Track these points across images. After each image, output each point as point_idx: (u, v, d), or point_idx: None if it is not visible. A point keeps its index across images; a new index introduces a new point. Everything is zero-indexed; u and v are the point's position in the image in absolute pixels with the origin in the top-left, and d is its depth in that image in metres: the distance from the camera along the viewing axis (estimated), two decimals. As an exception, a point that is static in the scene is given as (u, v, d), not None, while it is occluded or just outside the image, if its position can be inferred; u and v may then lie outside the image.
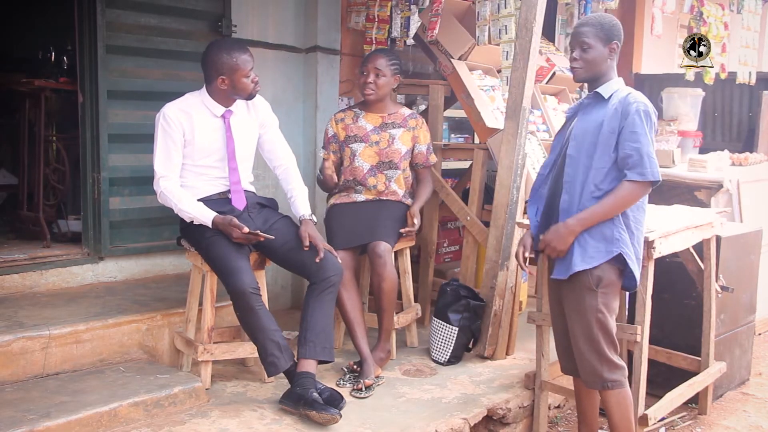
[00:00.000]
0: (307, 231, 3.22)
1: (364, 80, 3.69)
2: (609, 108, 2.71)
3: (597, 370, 2.74)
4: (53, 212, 4.25)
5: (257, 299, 3.07)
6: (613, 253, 2.67)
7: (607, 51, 2.75)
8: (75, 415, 2.69)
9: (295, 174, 3.46)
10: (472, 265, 4.13)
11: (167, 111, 3.20)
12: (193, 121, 3.20)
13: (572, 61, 2.81)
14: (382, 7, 4.42)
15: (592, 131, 2.72)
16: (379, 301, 3.54)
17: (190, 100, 3.26)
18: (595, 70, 2.77)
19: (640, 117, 2.65)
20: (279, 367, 3.09)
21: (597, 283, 2.68)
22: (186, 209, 3.14)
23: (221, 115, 3.26)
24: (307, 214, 3.33)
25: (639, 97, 2.72)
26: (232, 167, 3.28)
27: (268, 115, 3.43)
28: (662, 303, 3.58)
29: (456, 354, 3.69)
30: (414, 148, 3.81)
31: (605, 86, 2.77)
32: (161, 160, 3.18)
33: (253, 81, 3.22)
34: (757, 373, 4.28)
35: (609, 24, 2.77)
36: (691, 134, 5.22)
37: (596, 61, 2.75)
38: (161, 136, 3.18)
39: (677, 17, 6.56)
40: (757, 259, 4.12)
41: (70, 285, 3.74)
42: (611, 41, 2.75)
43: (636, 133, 2.63)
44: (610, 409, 2.79)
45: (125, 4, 3.76)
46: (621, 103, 2.69)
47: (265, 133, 3.43)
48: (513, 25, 3.79)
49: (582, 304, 2.71)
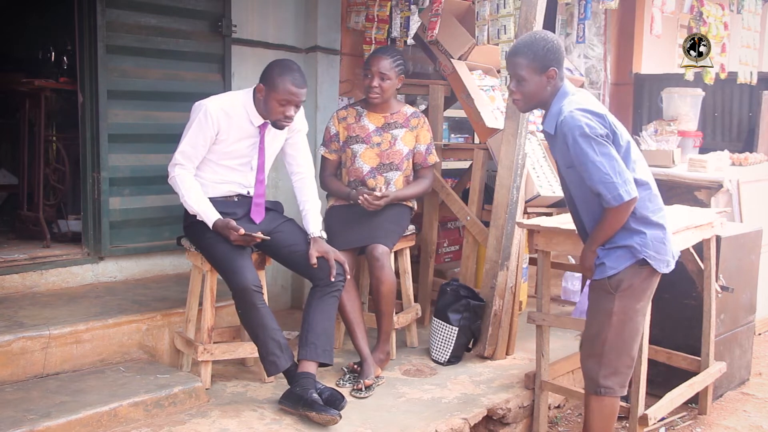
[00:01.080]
0: (316, 249, 3.20)
1: (369, 83, 3.67)
2: (558, 142, 2.63)
3: (594, 374, 2.73)
4: (53, 212, 4.25)
5: (259, 297, 3.07)
6: (636, 258, 2.63)
7: (545, 79, 2.61)
8: (75, 415, 2.69)
9: (311, 187, 3.42)
10: (472, 265, 4.13)
11: (210, 106, 3.15)
12: (231, 124, 3.18)
13: (510, 94, 2.72)
14: (382, 7, 4.43)
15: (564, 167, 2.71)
16: (377, 303, 3.54)
17: (235, 101, 3.22)
18: (536, 101, 2.68)
19: (577, 144, 2.50)
20: (279, 367, 3.09)
21: (616, 287, 2.65)
22: (191, 203, 3.13)
23: (258, 125, 3.24)
24: (317, 232, 3.29)
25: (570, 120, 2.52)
26: (259, 179, 3.28)
27: (299, 120, 3.39)
28: (662, 303, 3.57)
29: (456, 354, 3.69)
30: (414, 148, 3.81)
31: (549, 119, 2.66)
32: (185, 149, 3.16)
33: (285, 114, 3.15)
34: (757, 373, 4.28)
35: (542, 50, 2.59)
36: (691, 134, 5.22)
37: (535, 93, 2.64)
38: (195, 128, 3.15)
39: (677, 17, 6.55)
40: (757, 259, 4.12)
41: (70, 285, 3.74)
42: (547, 69, 2.59)
43: (583, 165, 2.52)
44: (590, 413, 2.76)
45: (125, 4, 3.76)
46: (561, 135, 2.56)
47: (291, 137, 3.41)
48: (512, 25, 3.79)
49: (599, 306, 2.71)
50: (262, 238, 3.11)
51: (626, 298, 2.66)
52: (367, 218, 3.60)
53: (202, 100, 3.19)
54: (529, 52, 2.61)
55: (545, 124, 2.70)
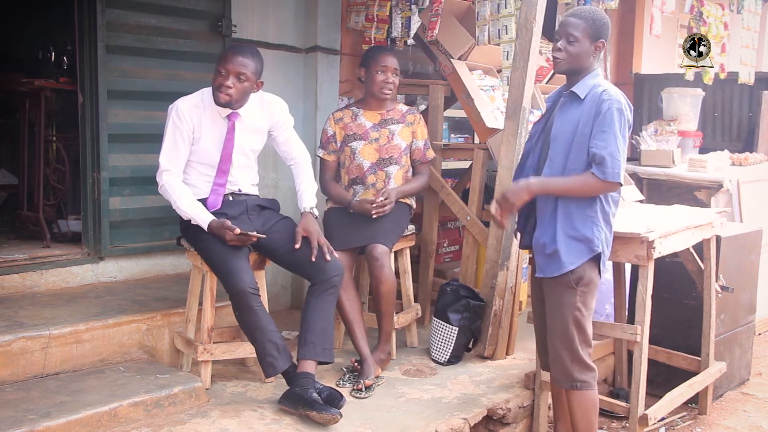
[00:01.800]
0: (302, 227, 3.21)
1: (383, 80, 3.70)
2: (584, 107, 2.70)
3: (568, 369, 2.75)
4: (53, 212, 4.25)
5: (256, 299, 3.07)
6: (594, 252, 2.69)
7: (593, 48, 2.73)
8: (75, 415, 2.69)
9: (307, 169, 3.45)
10: (472, 265, 4.13)
11: (180, 105, 3.18)
12: (203, 119, 3.20)
13: (555, 50, 2.78)
14: (382, 7, 4.42)
15: (569, 131, 2.72)
16: (378, 304, 3.54)
17: (205, 97, 3.24)
18: (576, 65, 2.75)
19: (611, 116, 2.63)
20: (277, 368, 3.09)
21: (577, 281, 2.70)
22: (184, 208, 3.14)
23: (226, 116, 3.25)
24: (308, 207, 3.31)
25: (614, 94, 2.68)
26: (222, 169, 3.26)
27: (283, 116, 3.41)
28: (662, 303, 3.58)
29: (456, 354, 3.69)
30: (412, 144, 3.82)
31: (581, 84, 2.74)
32: (167, 153, 3.17)
33: (222, 83, 3.12)
34: (757, 373, 4.28)
35: (600, 21, 2.73)
36: (691, 134, 5.22)
37: (579, 57, 2.73)
38: (171, 130, 3.17)
39: (677, 17, 6.55)
40: (757, 259, 4.12)
41: (70, 285, 3.74)
42: (598, 39, 2.72)
43: (605, 132, 2.62)
44: (573, 410, 2.79)
45: (125, 4, 3.76)
46: (595, 102, 2.68)
47: (279, 134, 3.43)
48: (513, 25, 3.79)
49: (561, 302, 2.73)
50: (257, 237, 3.11)
51: (586, 292, 2.73)
52: (366, 219, 3.59)
53: (174, 102, 3.21)
54: (589, 17, 2.73)
55: (576, 87, 2.74)
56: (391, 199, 3.59)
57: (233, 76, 3.12)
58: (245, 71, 3.14)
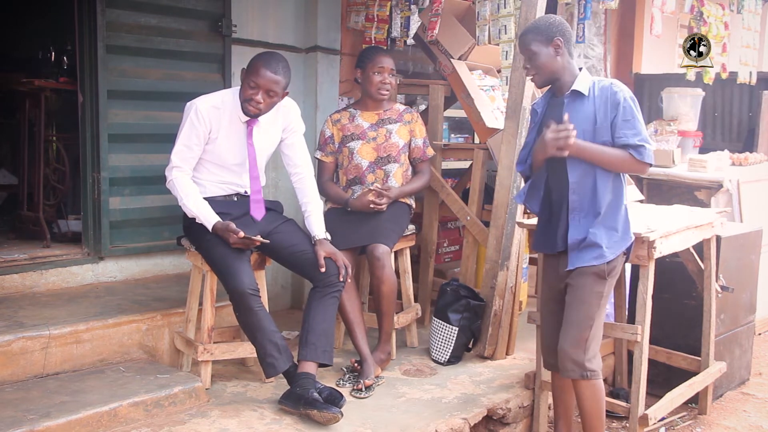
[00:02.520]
0: (324, 250, 3.21)
1: (380, 81, 3.70)
2: (595, 100, 2.75)
3: (581, 358, 2.76)
4: (53, 212, 4.25)
5: (256, 300, 3.07)
6: (627, 244, 2.80)
7: (552, 50, 2.76)
8: (75, 415, 2.69)
9: (312, 187, 3.40)
10: (472, 265, 4.13)
11: (200, 105, 3.16)
12: (221, 121, 3.19)
13: (526, 71, 2.87)
14: (382, 6, 4.42)
15: (586, 129, 2.74)
16: (378, 303, 3.54)
17: (225, 99, 3.22)
18: (550, 74, 2.80)
19: (629, 105, 2.71)
20: (277, 368, 3.09)
21: (610, 271, 2.77)
22: (190, 206, 3.13)
23: (245, 121, 3.23)
24: (321, 234, 3.29)
25: (620, 84, 2.77)
26: (253, 176, 3.27)
27: (295, 120, 3.39)
28: (662, 303, 3.58)
29: (456, 354, 3.69)
30: (411, 142, 3.82)
31: (578, 82, 2.78)
32: (180, 150, 3.17)
33: (252, 97, 3.10)
34: (757, 373, 4.28)
35: (545, 24, 2.79)
36: (691, 134, 5.21)
37: (547, 65, 2.78)
38: (187, 128, 3.16)
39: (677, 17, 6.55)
40: (757, 259, 4.12)
41: (70, 285, 3.74)
42: (552, 39, 2.76)
43: (629, 121, 2.70)
44: (585, 400, 2.81)
45: (125, 4, 3.75)
46: (607, 94, 2.74)
47: (287, 137, 3.40)
48: (513, 25, 3.79)
49: (590, 290, 2.76)
50: (261, 241, 3.11)
51: (612, 283, 2.82)
52: (366, 218, 3.60)
53: (192, 100, 3.20)
54: (534, 28, 2.82)
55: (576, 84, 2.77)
56: (391, 194, 3.60)
57: (263, 92, 3.10)
58: (276, 89, 3.12)
